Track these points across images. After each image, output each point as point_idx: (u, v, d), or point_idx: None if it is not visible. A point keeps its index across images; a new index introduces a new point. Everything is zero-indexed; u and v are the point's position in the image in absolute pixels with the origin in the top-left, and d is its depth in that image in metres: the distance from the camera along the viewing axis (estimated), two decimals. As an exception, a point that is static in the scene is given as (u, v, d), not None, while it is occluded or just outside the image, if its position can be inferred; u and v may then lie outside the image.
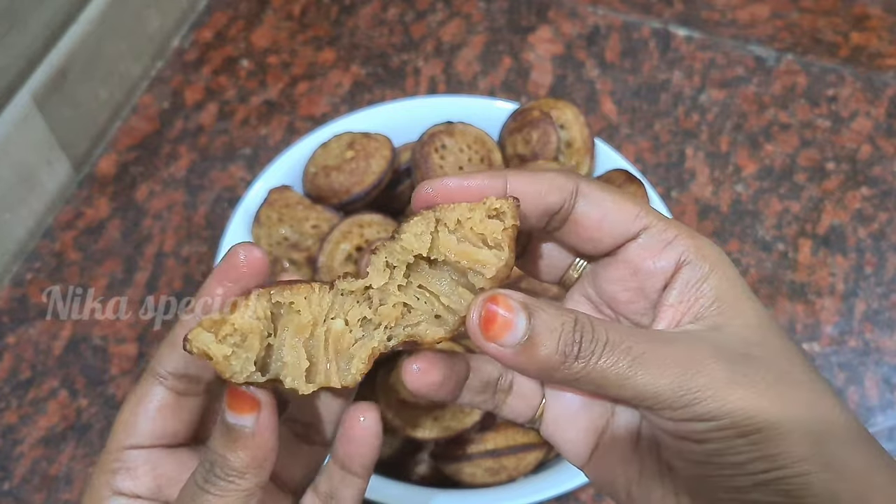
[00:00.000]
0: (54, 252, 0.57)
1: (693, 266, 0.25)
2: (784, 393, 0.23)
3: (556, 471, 0.43)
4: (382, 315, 0.24)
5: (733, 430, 0.22)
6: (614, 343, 0.23)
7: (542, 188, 0.25)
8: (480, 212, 0.24)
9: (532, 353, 0.22)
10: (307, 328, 0.24)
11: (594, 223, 0.25)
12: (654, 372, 0.22)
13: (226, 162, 0.61)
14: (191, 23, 0.69)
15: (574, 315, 0.23)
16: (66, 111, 0.58)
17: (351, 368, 0.24)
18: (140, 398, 0.27)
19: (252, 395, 0.24)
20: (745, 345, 0.23)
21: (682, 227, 0.25)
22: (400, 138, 0.52)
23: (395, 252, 0.24)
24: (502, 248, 0.23)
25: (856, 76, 0.65)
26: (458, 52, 0.67)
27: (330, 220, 0.48)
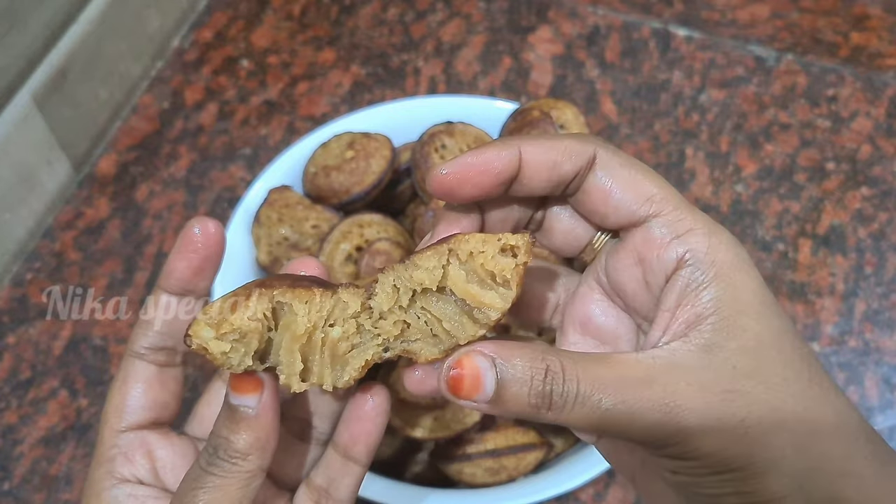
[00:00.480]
0: (54, 252, 0.57)
1: (695, 269, 0.23)
2: (767, 433, 0.22)
3: (556, 471, 0.43)
4: (382, 329, 0.24)
5: (705, 470, 0.22)
6: (585, 395, 0.22)
7: (556, 156, 0.24)
8: (493, 247, 0.23)
9: (503, 406, 0.22)
10: (303, 336, 0.24)
11: (602, 196, 0.24)
12: (626, 422, 0.22)
13: (226, 162, 0.61)
14: (191, 23, 0.69)
15: (545, 364, 0.22)
16: (66, 111, 0.58)
17: (344, 375, 0.25)
18: (125, 379, 0.27)
19: (255, 377, 0.24)
20: (732, 378, 0.22)
21: (702, 221, 0.23)
22: (400, 138, 0.52)
23: (403, 278, 0.24)
24: (510, 286, 0.23)
25: (856, 76, 0.65)
26: (458, 52, 0.67)
27: (330, 220, 0.48)
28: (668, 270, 0.23)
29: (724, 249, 0.23)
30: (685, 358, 0.22)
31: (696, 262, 0.23)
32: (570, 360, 0.22)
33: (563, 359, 0.22)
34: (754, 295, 0.23)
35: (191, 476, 0.25)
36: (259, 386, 0.24)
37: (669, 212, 0.23)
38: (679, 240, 0.23)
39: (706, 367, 0.22)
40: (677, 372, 0.22)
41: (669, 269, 0.23)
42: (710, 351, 0.22)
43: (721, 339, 0.22)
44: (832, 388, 0.23)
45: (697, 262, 0.23)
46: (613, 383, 0.22)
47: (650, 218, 0.24)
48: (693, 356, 0.22)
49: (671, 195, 0.24)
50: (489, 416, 0.44)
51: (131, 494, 0.26)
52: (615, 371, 0.22)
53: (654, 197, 0.24)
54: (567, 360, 0.22)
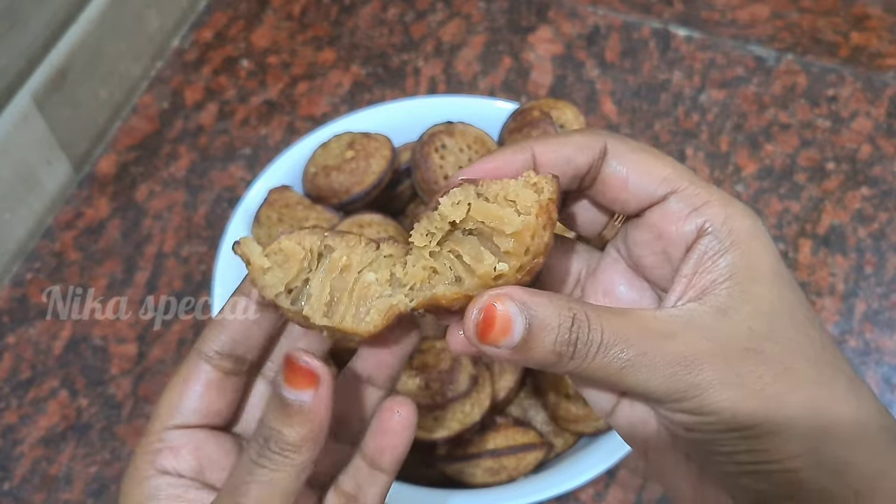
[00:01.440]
0: (54, 252, 0.57)
1: (713, 237, 0.23)
2: (781, 392, 0.22)
3: (556, 471, 0.43)
4: (410, 275, 0.24)
5: (721, 426, 0.22)
6: (608, 345, 0.22)
7: (568, 152, 0.24)
8: (517, 183, 0.24)
9: (527, 353, 0.23)
10: (339, 268, 0.25)
11: (619, 183, 0.25)
12: (646, 374, 0.22)
13: (226, 162, 0.61)
14: (191, 23, 0.69)
15: (573, 312, 0.23)
16: (66, 111, 0.58)
17: (367, 318, 0.25)
18: (186, 377, 0.27)
19: (312, 370, 0.24)
20: (748, 337, 0.23)
21: (717, 195, 0.24)
22: (400, 138, 0.52)
23: (434, 220, 0.24)
24: (530, 214, 0.23)
25: (856, 76, 0.65)
26: (458, 52, 0.67)
27: (330, 220, 0.48)
28: (689, 241, 0.24)
29: (741, 218, 0.24)
30: (702, 317, 0.23)
31: (714, 231, 0.23)
32: (594, 311, 0.23)
33: (587, 309, 0.23)
34: (769, 265, 0.23)
35: (240, 468, 0.24)
36: (315, 380, 0.24)
37: (686, 187, 0.24)
38: (697, 212, 0.24)
39: (722, 327, 0.23)
40: (696, 328, 0.23)
41: (690, 240, 0.24)
42: (725, 313, 0.23)
43: (736, 303, 0.23)
44: (845, 362, 0.24)
45: (715, 231, 0.23)
46: (636, 334, 0.22)
47: (668, 195, 0.24)
48: (709, 316, 0.23)
49: (685, 173, 0.25)
50: (489, 417, 0.44)
51: (172, 484, 0.26)
52: (637, 323, 0.23)
53: (668, 176, 0.24)
54: (591, 311, 0.23)
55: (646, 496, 0.48)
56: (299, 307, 0.25)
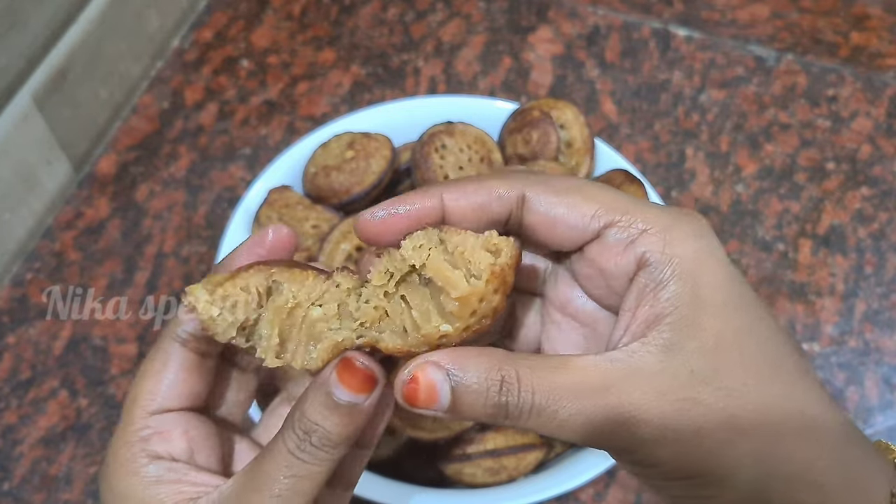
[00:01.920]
0: (54, 252, 0.57)
1: (652, 269, 0.22)
2: (723, 443, 0.21)
3: (556, 471, 0.43)
4: (363, 312, 0.24)
5: (664, 476, 0.22)
6: (540, 408, 0.22)
7: (480, 200, 0.24)
8: (478, 242, 0.23)
9: (460, 415, 0.22)
10: (285, 310, 0.25)
11: (546, 230, 0.24)
12: (585, 431, 0.22)
13: (226, 162, 0.61)
14: (191, 23, 0.69)
15: (501, 374, 0.22)
16: (66, 111, 0.58)
17: (314, 354, 0.25)
18: (164, 362, 0.27)
19: (371, 374, 0.24)
20: (688, 383, 0.21)
21: (656, 221, 0.23)
22: (400, 138, 0.52)
23: (395, 260, 0.24)
24: (480, 279, 0.23)
25: (856, 76, 0.65)
26: (458, 52, 0.67)
27: (330, 220, 0.48)
28: (629, 273, 0.23)
29: (683, 244, 0.22)
30: (643, 360, 0.22)
31: (653, 262, 0.22)
32: (526, 370, 0.22)
33: (519, 368, 0.22)
34: (716, 290, 0.22)
35: (274, 459, 0.24)
36: (373, 384, 0.24)
37: (620, 218, 0.23)
38: (634, 244, 0.23)
39: (663, 371, 0.22)
40: (634, 377, 0.22)
41: (630, 272, 0.23)
42: (668, 351, 0.22)
43: (680, 339, 0.22)
44: (805, 387, 0.22)
45: (655, 262, 0.22)
46: (569, 393, 0.22)
47: (603, 230, 0.23)
48: (651, 357, 0.22)
49: (616, 202, 0.23)
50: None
51: (170, 468, 0.26)
52: (572, 378, 0.22)
53: (597, 211, 0.23)
54: (524, 369, 0.22)
55: (645, 496, 0.48)
56: (254, 346, 0.25)
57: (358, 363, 0.24)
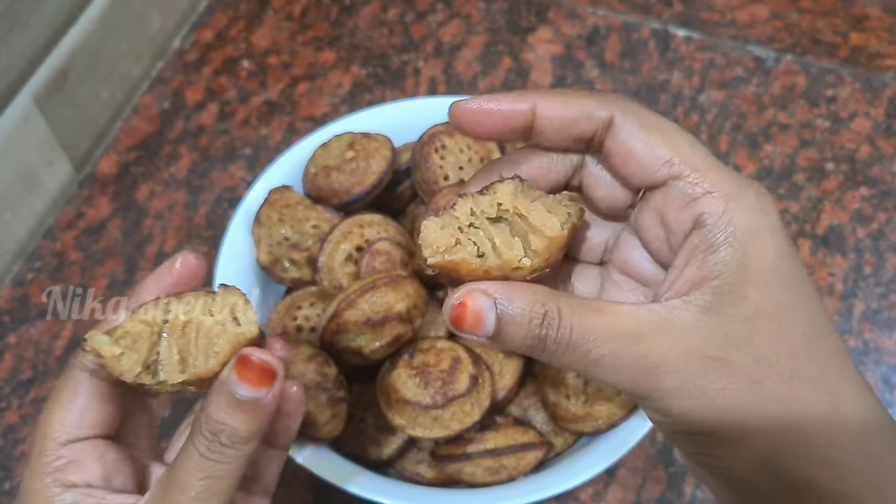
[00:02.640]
0: (55, 252, 0.57)
1: (707, 232, 0.23)
2: (741, 405, 0.22)
3: (556, 470, 0.43)
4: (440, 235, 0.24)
5: (678, 428, 0.23)
6: (576, 344, 0.23)
7: (571, 114, 0.24)
8: (556, 199, 0.25)
9: (501, 343, 0.23)
10: (180, 327, 0.25)
11: (620, 160, 0.24)
12: (612, 373, 0.23)
13: (226, 162, 0.61)
14: (191, 23, 0.69)
15: (544, 308, 0.23)
16: (67, 111, 0.58)
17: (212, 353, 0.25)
18: (73, 391, 0.27)
19: (269, 367, 0.24)
20: (720, 345, 0.22)
21: (722, 184, 0.23)
22: (400, 138, 0.52)
23: (481, 203, 0.25)
24: (564, 229, 0.24)
25: (855, 77, 0.66)
26: (458, 53, 0.67)
27: (330, 220, 0.48)
28: (686, 231, 0.23)
29: (741, 213, 0.23)
30: (680, 316, 0.22)
31: (709, 225, 0.23)
32: (567, 308, 0.23)
33: (561, 305, 0.23)
34: (765, 264, 0.22)
35: (188, 465, 0.25)
36: (272, 378, 0.24)
37: (689, 174, 0.23)
38: (696, 202, 0.23)
39: (697, 330, 0.22)
40: (667, 331, 0.22)
41: (687, 230, 0.23)
42: (706, 312, 0.22)
43: (721, 303, 0.22)
44: (840, 373, 0.23)
45: (711, 225, 0.23)
46: (604, 335, 0.22)
47: (669, 180, 0.24)
48: (688, 315, 0.22)
49: (694, 156, 0.23)
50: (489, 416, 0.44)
51: (87, 493, 0.26)
52: (608, 322, 0.23)
53: (671, 160, 0.23)
54: (565, 306, 0.23)
55: (645, 496, 0.48)
56: (160, 378, 0.25)
57: (255, 358, 0.24)
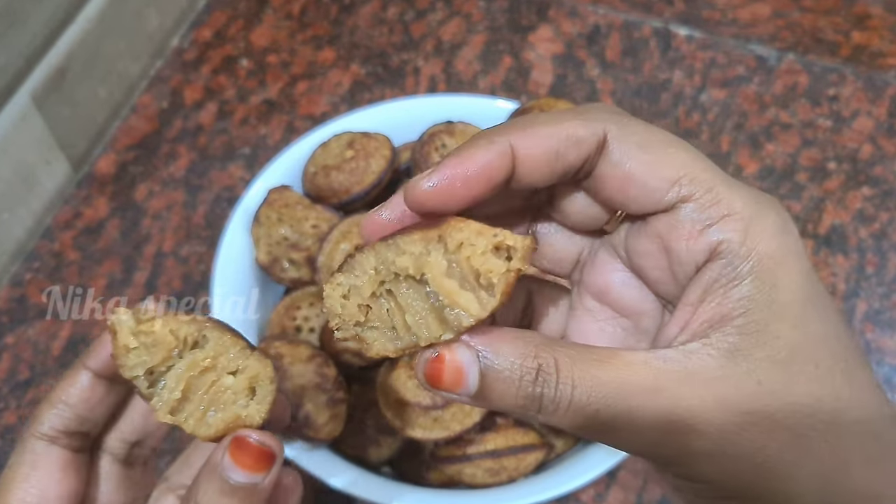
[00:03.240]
0: (53, 252, 0.57)
1: (727, 262, 0.19)
2: (789, 464, 0.19)
3: (557, 471, 0.43)
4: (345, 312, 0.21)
5: (711, 493, 0.20)
6: (580, 404, 0.19)
7: (556, 146, 0.20)
8: (486, 242, 0.20)
9: (487, 403, 0.20)
10: (200, 367, 0.24)
11: (618, 185, 0.21)
12: (628, 437, 0.19)
13: (225, 161, 0.61)
14: (190, 22, 0.69)
15: (538, 362, 0.19)
16: (65, 110, 0.58)
17: (210, 421, 0.23)
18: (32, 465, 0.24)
19: (268, 450, 0.22)
20: (755, 396, 0.19)
21: (741, 204, 0.20)
22: (400, 137, 0.52)
23: (386, 262, 0.21)
24: (493, 293, 0.20)
25: (857, 76, 0.65)
26: (459, 52, 0.67)
27: (330, 219, 0.48)
28: (699, 262, 0.20)
29: (767, 239, 0.19)
30: (703, 364, 0.19)
31: (729, 255, 0.19)
32: (566, 359, 0.19)
33: (558, 356, 0.19)
34: (795, 294, 0.19)
35: None
36: (270, 462, 0.22)
37: (701, 195, 0.20)
38: (712, 228, 0.20)
39: (726, 379, 0.19)
40: (692, 382, 0.19)
41: (700, 261, 0.20)
42: (732, 358, 0.19)
43: (747, 346, 0.19)
44: (880, 410, 0.20)
45: (732, 254, 0.19)
46: (615, 390, 0.19)
47: (679, 203, 0.20)
48: (712, 362, 0.19)
49: (704, 173, 0.20)
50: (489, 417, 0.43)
51: None
52: (619, 374, 0.19)
53: (681, 180, 0.20)
54: (563, 357, 0.19)
55: (646, 497, 0.48)
56: (153, 393, 0.24)
57: (252, 440, 0.22)
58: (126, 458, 0.28)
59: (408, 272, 0.21)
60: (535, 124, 0.21)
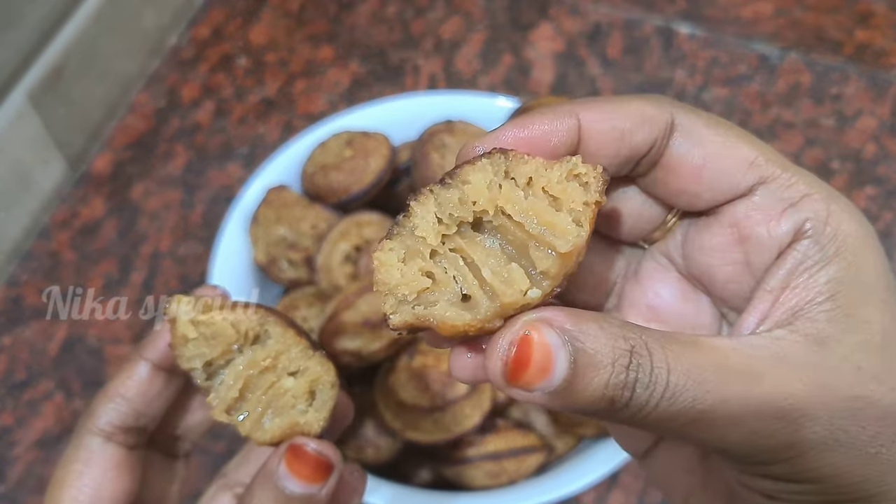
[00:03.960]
0: (50, 252, 0.56)
1: (814, 242, 0.18)
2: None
3: (558, 474, 0.43)
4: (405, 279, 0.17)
5: (819, 496, 0.17)
6: (677, 389, 0.16)
7: (624, 124, 0.19)
8: (560, 172, 0.18)
9: (570, 398, 0.17)
10: (260, 366, 0.23)
11: (691, 171, 0.19)
12: (725, 428, 0.17)
13: (223, 161, 0.61)
14: (187, 20, 0.68)
15: (630, 344, 0.17)
16: (62, 109, 0.57)
17: (267, 426, 0.23)
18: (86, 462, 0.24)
19: (325, 460, 0.21)
20: (856, 380, 0.17)
21: (818, 185, 0.19)
22: (399, 136, 0.51)
23: (448, 202, 0.17)
24: (581, 224, 0.17)
25: (860, 74, 0.65)
26: (459, 50, 0.66)
27: (328, 219, 0.48)
28: (783, 244, 0.18)
29: (848, 219, 0.18)
30: (791, 349, 0.17)
31: (816, 235, 0.18)
32: (657, 343, 0.17)
33: (649, 340, 0.17)
34: (880, 278, 0.18)
35: None
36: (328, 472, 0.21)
37: (779, 175, 0.18)
38: (794, 208, 0.18)
39: (822, 364, 0.17)
40: (787, 367, 0.17)
41: (784, 243, 0.18)
42: (823, 345, 0.17)
43: (838, 331, 0.17)
44: None
45: (818, 234, 0.18)
46: (713, 375, 0.17)
47: (757, 185, 0.19)
48: (802, 349, 0.17)
49: (775, 155, 0.19)
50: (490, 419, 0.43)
51: None
52: (714, 359, 0.17)
53: (756, 160, 0.18)
54: (654, 341, 0.17)
55: (648, 500, 0.47)
56: (210, 386, 0.23)
57: (309, 449, 0.21)
58: (169, 450, 0.28)
59: (479, 206, 0.17)
60: (602, 101, 0.19)
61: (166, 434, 0.27)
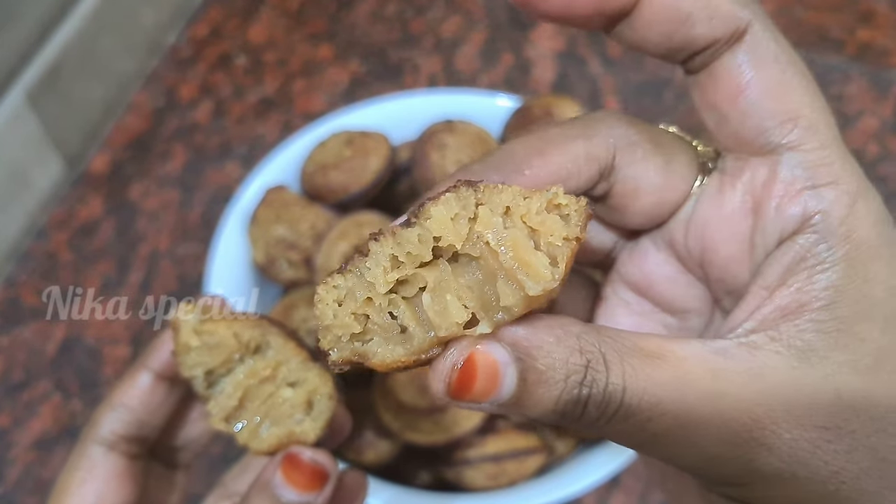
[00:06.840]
0: (47, 252, 0.56)
1: (821, 239, 0.16)
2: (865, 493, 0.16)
3: (558, 475, 0.43)
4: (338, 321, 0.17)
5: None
6: (630, 408, 0.15)
7: (691, 7, 0.16)
8: (539, 202, 0.16)
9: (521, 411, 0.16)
10: (260, 376, 0.23)
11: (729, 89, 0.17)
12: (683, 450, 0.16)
13: (221, 160, 0.60)
14: (186, 18, 0.68)
15: (586, 358, 0.15)
16: (60, 109, 0.57)
17: (264, 435, 0.23)
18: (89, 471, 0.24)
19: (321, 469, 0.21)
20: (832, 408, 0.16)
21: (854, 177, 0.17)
22: (398, 135, 0.51)
23: (408, 243, 0.17)
24: (557, 264, 0.16)
25: (862, 74, 0.65)
26: (458, 49, 0.66)
27: (327, 219, 0.47)
28: (785, 231, 0.17)
29: (868, 223, 0.16)
30: (768, 361, 0.16)
31: (824, 231, 0.16)
32: (614, 354, 0.16)
33: (605, 349, 0.16)
34: (890, 296, 0.16)
35: None
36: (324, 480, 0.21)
37: (813, 148, 0.16)
38: (814, 192, 0.16)
39: (797, 385, 0.16)
40: (757, 386, 0.16)
41: (787, 230, 0.17)
42: (805, 359, 0.16)
43: (825, 346, 0.16)
44: None
45: (827, 230, 0.16)
46: (672, 394, 0.15)
47: (783, 149, 0.16)
48: (780, 361, 0.16)
49: (822, 123, 0.16)
50: (490, 420, 0.43)
51: None
52: (674, 374, 0.15)
53: (799, 117, 0.16)
54: (610, 351, 0.16)
55: (649, 502, 0.47)
56: (210, 394, 0.23)
57: (305, 457, 0.21)
58: (170, 461, 0.28)
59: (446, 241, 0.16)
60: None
61: (167, 445, 0.28)
